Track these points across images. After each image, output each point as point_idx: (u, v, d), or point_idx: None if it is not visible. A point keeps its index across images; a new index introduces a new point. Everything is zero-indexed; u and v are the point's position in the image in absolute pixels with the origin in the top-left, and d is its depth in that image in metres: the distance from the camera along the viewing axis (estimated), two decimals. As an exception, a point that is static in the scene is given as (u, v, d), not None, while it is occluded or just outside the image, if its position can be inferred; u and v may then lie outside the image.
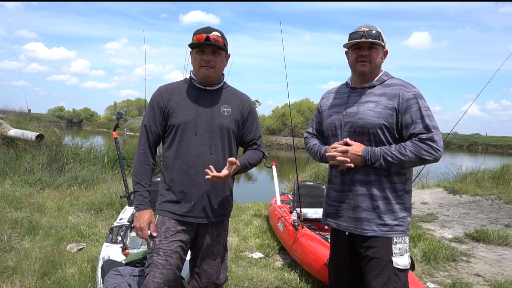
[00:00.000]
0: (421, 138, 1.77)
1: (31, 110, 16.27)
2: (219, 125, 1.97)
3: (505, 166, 10.66)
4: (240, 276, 3.37)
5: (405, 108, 1.82)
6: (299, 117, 39.45)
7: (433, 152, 1.76)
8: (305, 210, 4.09)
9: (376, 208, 1.85)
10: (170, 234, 1.91)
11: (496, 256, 4.43)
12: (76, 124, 66.39)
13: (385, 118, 1.83)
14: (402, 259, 1.84)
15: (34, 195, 6.09)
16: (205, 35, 1.90)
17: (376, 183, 1.86)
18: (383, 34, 1.92)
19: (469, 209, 7.11)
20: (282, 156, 23.84)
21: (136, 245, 3.47)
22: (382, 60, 1.95)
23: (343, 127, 1.93)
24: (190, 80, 2.04)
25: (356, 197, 1.90)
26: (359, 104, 1.91)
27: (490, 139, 45.40)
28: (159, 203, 2.01)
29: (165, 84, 2.07)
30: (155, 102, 2.00)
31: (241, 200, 7.13)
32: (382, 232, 1.84)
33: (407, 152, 1.77)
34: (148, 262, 1.94)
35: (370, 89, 1.93)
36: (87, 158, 8.69)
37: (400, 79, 1.95)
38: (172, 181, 1.96)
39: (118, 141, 4.96)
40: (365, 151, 1.84)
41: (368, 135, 1.87)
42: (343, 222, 1.95)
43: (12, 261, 3.48)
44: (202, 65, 1.94)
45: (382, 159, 1.80)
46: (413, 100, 1.82)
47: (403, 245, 1.86)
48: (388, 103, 1.84)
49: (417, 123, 1.79)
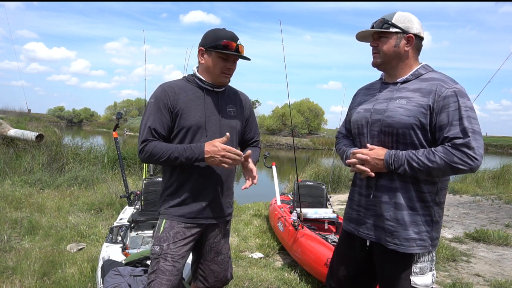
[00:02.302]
0: (455, 143, 1.52)
1: (31, 110, 16.28)
2: (228, 126, 1.95)
3: (505, 166, 10.68)
4: (240, 276, 3.37)
5: (441, 107, 1.57)
6: (299, 117, 39.40)
7: (468, 161, 1.50)
8: (305, 210, 4.09)
9: (400, 219, 1.65)
10: (179, 238, 1.86)
11: (496, 256, 4.43)
12: (76, 124, 66.34)
13: (417, 117, 1.60)
14: (422, 279, 1.66)
15: (34, 195, 6.08)
16: (235, 44, 1.83)
17: (402, 190, 1.65)
18: (402, 18, 1.69)
19: (469, 209, 7.11)
20: (282, 156, 23.83)
21: (136, 245, 3.47)
22: (401, 49, 1.69)
23: (370, 126, 1.74)
24: (194, 79, 1.94)
25: (380, 204, 1.70)
26: (389, 101, 1.70)
27: (490, 139, 45.34)
28: (166, 208, 1.91)
29: (167, 82, 1.93)
30: (161, 102, 1.83)
31: (241, 200, 7.12)
32: (404, 247, 1.64)
33: (436, 158, 1.53)
34: (152, 268, 1.84)
35: (404, 84, 1.71)
36: (87, 158, 8.69)
37: (441, 73, 1.68)
38: (183, 184, 1.89)
39: (118, 141, 4.97)
40: (388, 155, 1.64)
41: (396, 136, 1.65)
42: (365, 230, 1.77)
43: (12, 261, 3.48)
44: (223, 72, 1.88)
45: (407, 164, 1.59)
46: (453, 98, 1.56)
47: (425, 263, 1.66)
48: (422, 100, 1.60)
49: (454, 125, 1.54)
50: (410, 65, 1.73)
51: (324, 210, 4.26)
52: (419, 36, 1.71)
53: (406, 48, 1.69)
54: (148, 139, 1.80)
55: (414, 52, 1.73)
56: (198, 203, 1.90)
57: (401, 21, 1.69)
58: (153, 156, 1.79)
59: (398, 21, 1.69)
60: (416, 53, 1.74)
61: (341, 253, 1.96)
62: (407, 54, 1.71)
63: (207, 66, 1.89)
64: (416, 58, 1.75)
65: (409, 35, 1.69)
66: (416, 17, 1.73)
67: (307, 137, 37.75)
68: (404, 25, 1.69)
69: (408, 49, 1.70)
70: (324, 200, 4.60)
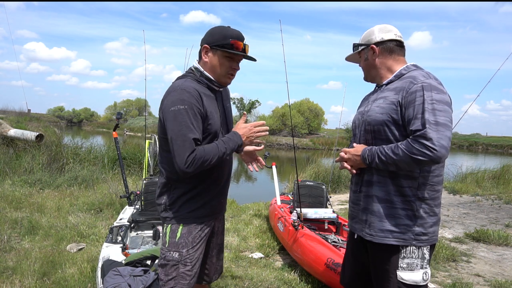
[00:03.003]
0: (415, 135, 1.57)
1: (31, 110, 16.27)
2: (230, 122, 2.01)
3: (505, 166, 10.67)
4: (240, 276, 3.37)
5: (408, 102, 1.63)
6: (299, 117, 39.45)
7: (426, 152, 1.52)
8: (305, 210, 4.09)
9: (377, 211, 1.73)
10: (196, 242, 1.84)
11: (496, 256, 4.43)
12: (76, 124, 66.40)
13: (389, 113, 1.68)
14: (410, 274, 1.67)
15: (34, 195, 6.08)
16: (242, 44, 1.80)
17: (379, 184, 1.73)
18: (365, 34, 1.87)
19: (469, 209, 7.11)
20: (282, 156, 23.84)
21: (136, 245, 3.47)
22: (370, 60, 1.85)
23: (360, 126, 1.87)
24: (203, 79, 1.84)
25: (365, 198, 1.80)
26: (373, 102, 1.82)
27: (490, 139, 45.39)
28: (184, 213, 1.83)
29: (186, 84, 1.76)
30: (195, 108, 1.69)
31: (241, 200, 7.13)
32: (379, 238, 1.70)
33: (399, 151, 1.59)
34: (170, 275, 1.80)
35: (388, 85, 1.81)
36: (87, 158, 8.69)
37: (421, 71, 1.73)
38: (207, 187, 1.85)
39: (118, 141, 4.97)
40: (364, 151, 1.75)
41: (374, 133, 1.76)
42: (356, 224, 1.87)
43: (12, 261, 3.48)
44: (229, 73, 1.85)
45: (377, 157, 1.68)
46: (419, 92, 1.61)
47: (414, 260, 1.67)
48: (394, 97, 1.69)
49: (417, 119, 1.58)
50: (391, 69, 1.83)
51: (324, 210, 4.26)
52: (382, 41, 1.82)
53: (373, 57, 1.85)
54: (194, 149, 1.67)
55: (386, 56, 1.83)
56: (217, 200, 1.93)
57: (364, 38, 1.88)
58: (205, 162, 1.68)
59: (362, 39, 1.89)
60: (391, 56, 1.83)
61: (348, 251, 2.04)
62: (378, 61, 1.84)
63: (212, 65, 1.82)
64: (397, 60, 1.84)
65: (371, 46, 1.84)
66: (380, 24, 1.87)
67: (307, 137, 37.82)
68: (366, 40, 1.87)
69: (375, 58, 1.84)
70: (324, 200, 4.60)
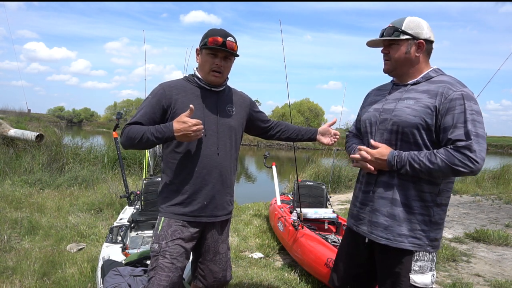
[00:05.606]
0: (457, 146, 1.53)
1: (31, 110, 16.25)
2: (227, 125, 1.97)
3: (505, 166, 10.69)
4: (240, 276, 3.37)
5: (447, 109, 1.57)
6: (299, 117, 39.46)
7: (468, 164, 1.50)
8: (305, 210, 4.09)
9: (396, 215, 1.67)
10: (176, 236, 1.87)
11: (496, 256, 4.43)
12: (76, 124, 66.40)
13: (423, 117, 1.61)
14: (422, 277, 1.67)
15: (34, 195, 6.08)
16: (221, 39, 1.84)
17: (400, 188, 1.68)
18: (412, 24, 1.70)
19: (469, 209, 7.11)
20: (282, 156, 23.82)
21: (136, 245, 3.47)
22: (411, 55, 1.70)
23: (378, 124, 1.77)
24: (194, 79, 1.96)
25: (377, 200, 1.74)
26: (398, 101, 1.72)
27: (490, 139, 45.38)
28: (166, 206, 1.92)
29: (168, 82, 1.96)
30: (155, 99, 1.87)
31: (241, 200, 7.13)
32: (397, 242, 1.67)
33: (438, 160, 1.55)
34: (152, 265, 1.87)
35: (414, 85, 1.73)
36: (87, 158, 8.68)
37: (451, 77, 1.68)
38: (182, 183, 1.90)
39: (118, 141, 4.97)
40: (391, 156, 1.66)
41: (401, 134, 1.68)
42: (363, 226, 1.81)
43: (12, 261, 3.48)
44: (213, 70, 1.89)
45: (408, 165, 1.61)
46: (459, 100, 1.57)
47: (426, 262, 1.67)
48: (429, 101, 1.62)
49: (458, 128, 1.54)
50: (420, 69, 1.74)
51: (324, 210, 4.26)
52: (429, 40, 1.73)
53: (416, 54, 1.71)
54: (129, 125, 1.83)
55: (425, 57, 1.74)
56: (199, 201, 1.91)
57: (411, 28, 1.70)
58: (129, 139, 1.80)
59: (408, 28, 1.70)
60: (426, 57, 1.76)
61: (345, 252, 1.98)
62: (417, 59, 1.72)
63: (200, 65, 1.95)
64: (427, 62, 1.77)
65: (420, 41, 1.70)
66: (425, 21, 1.73)
67: (307, 137, 37.67)
68: (414, 31, 1.69)
69: (419, 54, 1.71)
70: (324, 200, 4.60)
